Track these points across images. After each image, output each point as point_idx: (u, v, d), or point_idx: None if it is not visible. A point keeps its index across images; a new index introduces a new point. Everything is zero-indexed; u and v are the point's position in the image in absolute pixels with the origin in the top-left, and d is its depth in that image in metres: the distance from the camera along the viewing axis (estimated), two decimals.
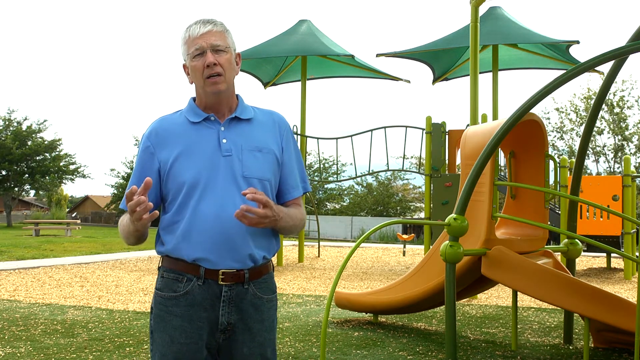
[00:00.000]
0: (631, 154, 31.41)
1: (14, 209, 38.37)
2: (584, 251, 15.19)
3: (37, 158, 34.64)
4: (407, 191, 38.58)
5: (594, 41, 66.21)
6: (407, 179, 38.05)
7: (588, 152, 25.43)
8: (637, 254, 10.53)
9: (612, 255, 13.07)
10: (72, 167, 36.11)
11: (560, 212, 11.78)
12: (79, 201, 58.14)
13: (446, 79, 14.90)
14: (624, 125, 31.29)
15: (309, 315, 6.81)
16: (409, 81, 14.42)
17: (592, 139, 24.85)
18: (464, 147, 5.51)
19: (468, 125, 8.22)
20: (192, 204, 2.01)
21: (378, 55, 12.71)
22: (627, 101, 31.09)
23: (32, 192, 42.72)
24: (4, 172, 34.33)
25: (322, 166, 33.37)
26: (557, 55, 12.93)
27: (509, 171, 5.74)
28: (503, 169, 15.44)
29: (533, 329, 6.20)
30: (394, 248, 18.47)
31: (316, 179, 29.89)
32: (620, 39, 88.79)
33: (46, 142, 34.61)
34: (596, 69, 11.68)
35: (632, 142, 31.68)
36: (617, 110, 31.14)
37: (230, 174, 2.01)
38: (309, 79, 14.34)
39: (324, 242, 21.43)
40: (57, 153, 35.27)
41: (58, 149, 35.33)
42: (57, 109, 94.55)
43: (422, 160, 12.23)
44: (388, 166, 13.55)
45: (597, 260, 14.21)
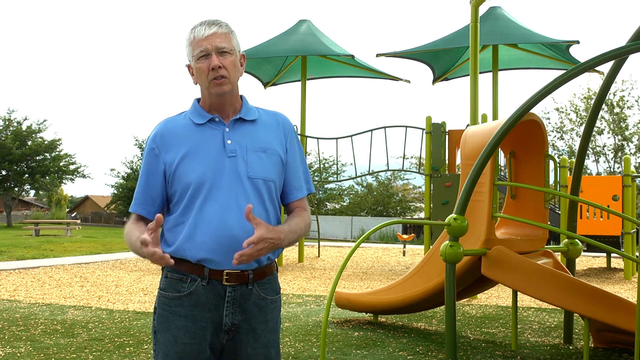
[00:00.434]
0: (631, 154, 31.41)
1: (14, 209, 38.39)
2: (584, 251, 15.19)
3: (37, 158, 34.65)
4: (407, 191, 38.58)
5: (594, 41, 66.26)
6: (407, 179, 38.11)
7: (588, 152, 25.42)
8: (637, 254, 10.54)
9: (612, 255, 13.08)
10: (72, 167, 36.14)
11: (560, 212, 11.78)
12: (79, 201, 58.16)
13: (446, 79, 14.91)
14: (624, 125, 31.30)
15: (309, 315, 6.81)
16: (409, 81, 14.43)
17: (592, 139, 24.83)
18: (464, 147, 5.51)
19: (468, 125, 8.22)
20: (197, 205, 2.01)
21: (378, 55, 12.72)
22: (627, 101, 31.10)
23: (32, 192, 42.74)
24: (4, 172, 34.34)
25: (322, 166, 33.37)
26: (557, 55, 12.93)
27: (509, 171, 5.74)
28: (503, 169, 15.45)
29: (533, 329, 6.20)
30: (394, 248, 18.46)
31: (316, 179, 29.90)
32: (620, 39, 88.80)
33: (46, 142, 34.62)
34: (596, 69, 11.69)
35: (632, 142, 31.69)
36: (617, 110, 31.14)
37: (235, 174, 2.01)
38: (309, 79, 14.35)
39: (324, 242, 21.43)
40: (57, 153, 35.28)
41: (58, 149, 35.35)
42: (57, 109, 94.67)
43: (422, 160, 12.24)
44: (388, 166, 13.56)
45: (597, 260, 14.21)
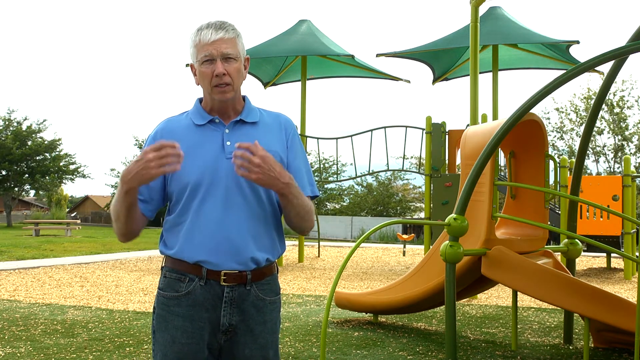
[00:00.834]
0: (631, 154, 31.41)
1: (14, 209, 38.37)
2: (584, 251, 15.19)
3: (37, 158, 34.63)
4: (407, 191, 38.57)
5: (594, 41, 66.25)
6: (407, 179, 38.07)
7: (588, 152, 25.42)
8: (637, 254, 10.54)
9: (612, 255, 13.08)
10: (72, 167, 36.12)
11: (560, 212, 11.78)
12: (79, 201, 58.11)
13: (446, 79, 14.91)
14: (624, 125, 31.30)
15: (309, 315, 6.81)
16: (409, 81, 14.43)
17: (592, 139, 24.84)
18: (464, 147, 5.51)
19: (468, 125, 8.22)
20: (195, 205, 2.01)
21: (378, 55, 12.72)
22: (627, 101, 31.10)
23: (32, 192, 42.68)
24: (4, 172, 34.33)
25: (322, 166, 33.36)
26: (557, 55, 12.93)
27: (509, 171, 5.74)
28: (503, 169, 15.44)
29: (533, 329, 6.20)
30: (394, 248, 18.46)
31: (316, 179, 29.87)
32: (620, 39, 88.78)
33: (46, 142, 34.60)
34: (596, 69, 11.69)
35: (632, 142, 31.69)
36: (617, 110, 31.14)
37: (233, 176, 2.00)
38: (309, 79, 14.35)
39: (324, 242, 21.44)
40: (57, 153, 35.26)
41: (58, 149, 35.33)
42: (57, 109, 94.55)
43: (422, 160, 12.24)
44: (388, 166, 13.56)
45: (597, 260, 14.20)
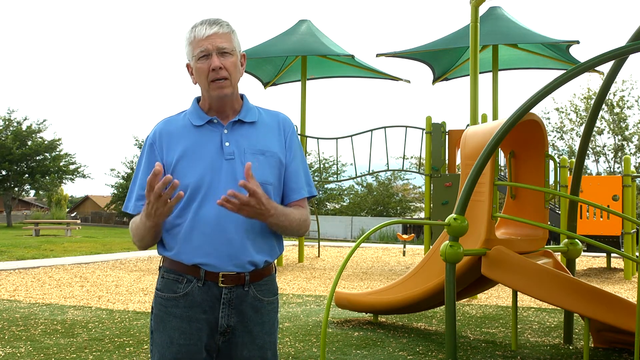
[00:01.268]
0: (631, 154, 31.41)
1: (14, 209, 38.40)
2: (584, 251, 15.19)
3: (37, 158, 34.64)
4: (407, 191, 38.56)
5: (594, 41, 66.27)
6: (407, 179, 38.08)
7: (588, 152, 25.42)
8: (637, 254, 10.53)
9: (612, 255, 13.07)
10: (72, 167, 36.13)
11: (560, 212, 11.78)
12: (79, 201, 58.11)
13: (446, 79, 14.91)
14: (624, 125, 31.29)
15: (309, 315, 6.80)
16: (409, 81, 14.43)
17: (592, 139, 24.85)
18: (464, 147, 5.51)
19: (468, 125, 8.22)
20: (194, 207, 1.99)
21: (378, 55, 12.72)
22: (627, 101, 31.10)
23: (32, 192, 42.69)
24: (4, 172, 34.34)
25: (322, 166, 33.36)
26: (557, 55, 12.93)
27: (509, 171, 5.74)
28: (503, 169, 15.44)
29: (533, 329, 6.20)
30: (394, 248, 18.46)
31: (316, 179, 29.87)
32: (620, 39, 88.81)
33: (46, 142, 34.62)
34: (596, 69, 11.68)
35: (632, 142, 31.68)
36: (617, 110, 31.14)
37: (232, 177, 1.99)
38: (309, 79, 14.34)
39: (324, 242, 21.43)
40: (57, 153, 35.28)
41: (58, 149, 35.35)
42: (57, 109, 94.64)
43: (422, 160, 12.24)
44: (388, 166, 13.56)
45: (597, 260, 14.20)
